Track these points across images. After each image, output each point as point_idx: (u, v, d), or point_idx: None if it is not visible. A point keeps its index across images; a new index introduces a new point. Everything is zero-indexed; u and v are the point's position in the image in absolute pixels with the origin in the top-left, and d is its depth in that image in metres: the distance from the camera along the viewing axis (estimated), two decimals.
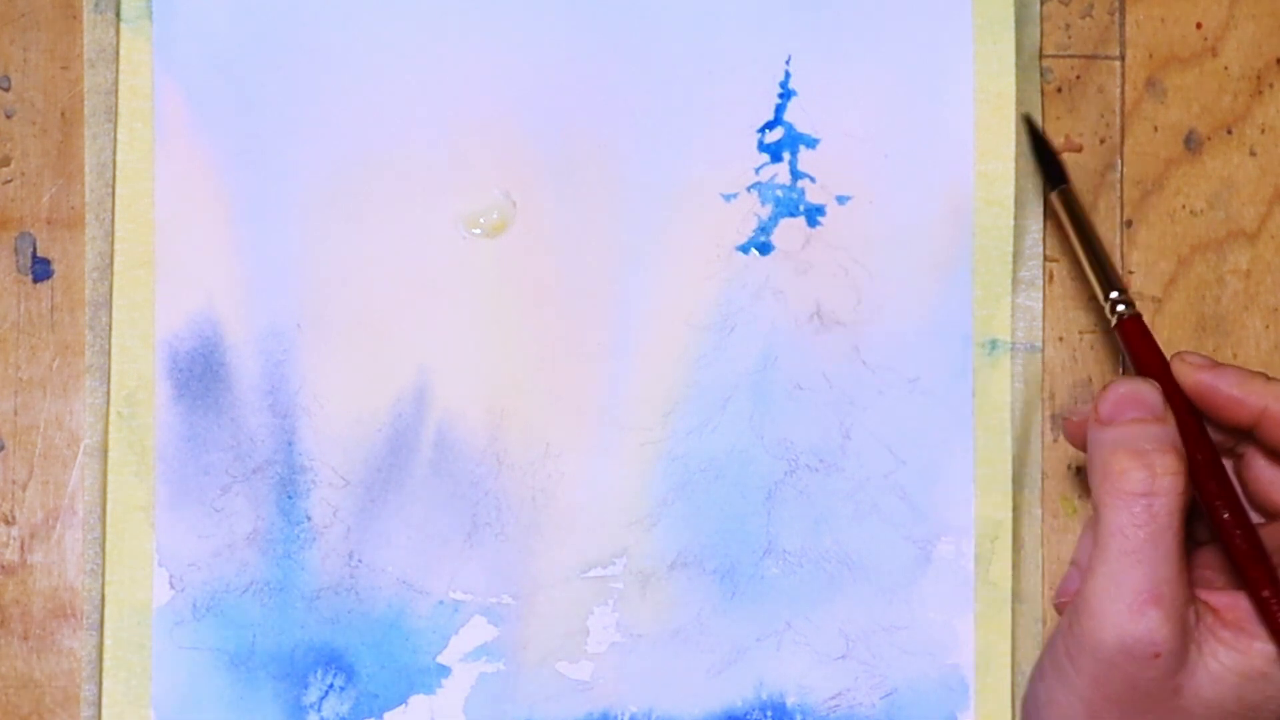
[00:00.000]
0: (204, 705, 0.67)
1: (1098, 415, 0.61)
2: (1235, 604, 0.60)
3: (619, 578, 0.67)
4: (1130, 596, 0.58)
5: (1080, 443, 0.63)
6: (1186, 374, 0.62)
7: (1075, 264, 0.67)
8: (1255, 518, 0.63)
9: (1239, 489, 0.62)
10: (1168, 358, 0.63)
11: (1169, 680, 0.59)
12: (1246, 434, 0.62)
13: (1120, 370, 0.69)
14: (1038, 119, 0.68)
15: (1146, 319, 0.68)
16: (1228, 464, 0.63)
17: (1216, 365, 0.62)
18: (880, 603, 0.68)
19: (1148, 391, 0.61)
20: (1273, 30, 0.69)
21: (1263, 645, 0.59)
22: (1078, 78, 0.69)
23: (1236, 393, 0.61)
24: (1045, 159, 0.67)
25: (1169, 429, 0.60)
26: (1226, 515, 0.60)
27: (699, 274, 0.68)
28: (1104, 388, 0.61)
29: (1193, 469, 0.60)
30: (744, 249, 0.68)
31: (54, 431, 0.67)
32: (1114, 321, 0.64)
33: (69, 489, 0.67)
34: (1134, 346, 0.63)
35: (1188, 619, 0.59)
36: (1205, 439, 0.61)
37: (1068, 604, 0.62)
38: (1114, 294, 0.64)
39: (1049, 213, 0.68)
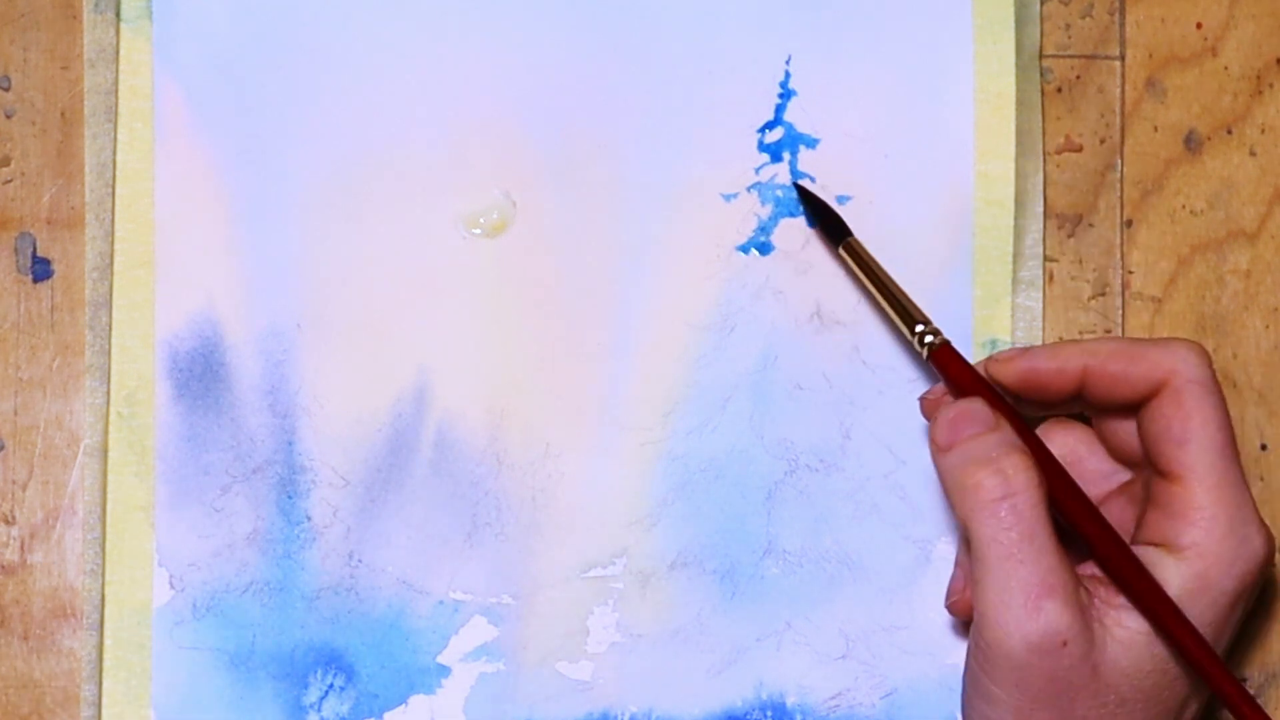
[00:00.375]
0: (204, 705, 0.67)
1: (937, 444, 0.62)
2: None
3: (619, 578, 0.67)
4: (1021, 597, 0.59)
5: (932, 415, 0.64)
6: (1003, 369, 0.63)
7: (886, 304, 0.67)
8: (1123, 474, 0.64)
9: (1107, 456, 0.65)
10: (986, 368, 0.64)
11: (1084, 664, 0.59)
12: (1076, 401, 0.64)
13: None
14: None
15: (1146, 319, 0.69)
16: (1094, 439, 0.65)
17: (1024, 350, 0.63)
18: (880, 603, 0.68)
19: (975, 407, 0.62)
20: (1273, 30, 0.69)
21: None
22: (1078, 78, 0.69)
23: (1052, 364, 0.63)
24: (823, 215, 0.67)
25: (1005, 433, 0.61)
26: (1071, 504, 0.62)
27: (699, 274, 0.68)
28: (934, 418, 0.62)
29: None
30: (744, 249, 0.68)
31: (54, 431, 0.67)
32: (925, 354, 0.64)
33: (69, 489, 0.67)
34: (950, 371, 0.64)
35: (1082, 600, 0.60)
36: (1032, 435, 0.63)
37: (958, 602, 0.65)
38: (919, 328, 0.64)
39: (847, 268, 0.67)
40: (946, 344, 0.64)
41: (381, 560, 0.67)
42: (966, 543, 0.62)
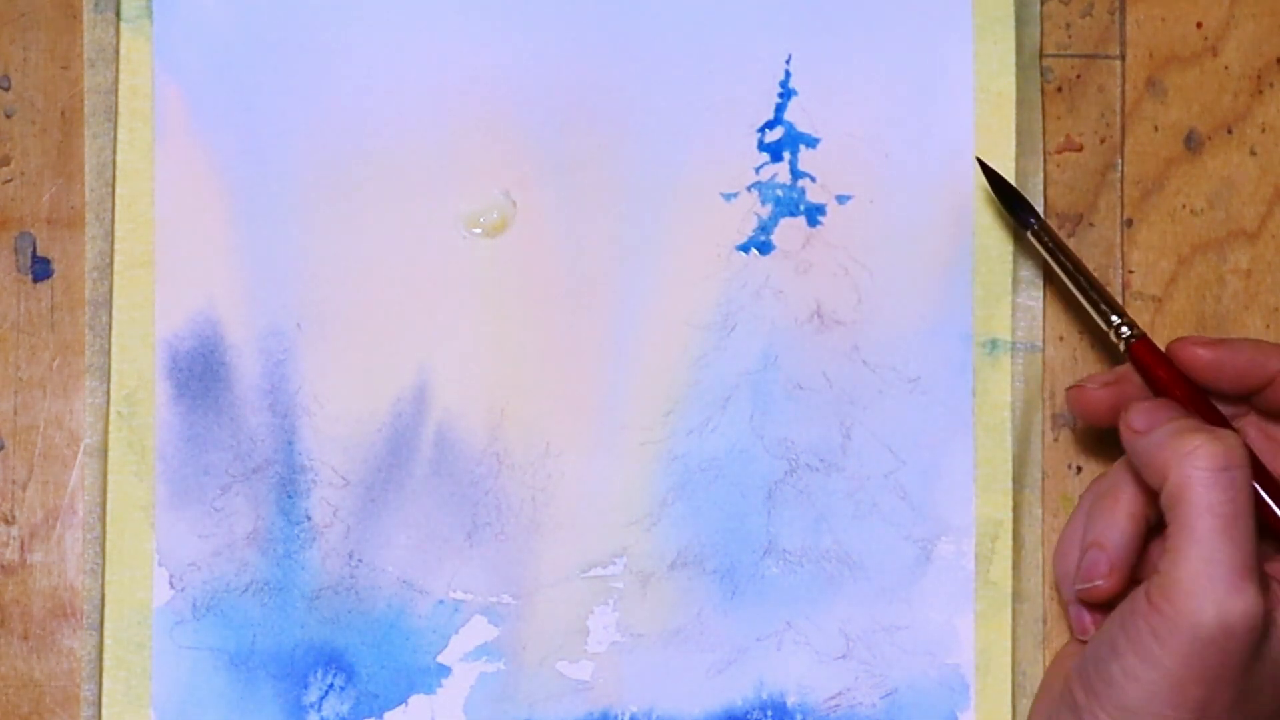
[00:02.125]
0: (204, 705, 0.66)
1: (1133, 427, 0.62)
2: None
3: (619, 577, 0.67)
4: (1227, 574, 0.58)
5: (1085, 412, 0.64)
6: (1193, 352, 0.63)
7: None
8: None
9: None
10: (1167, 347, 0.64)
11: (1257, 650, 0.59)
12: (1248, 401, 0.64)
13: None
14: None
15: (1146, 319, 0.69)
16: None
17: (1221, 339, 0.64)
18: (880, 603, 0.67)
19: (1168, 402, 0.62)
20: (1273, 30, 0.69)
21: None
22: (1078, 77, 0.69)
23: (1252, 358, 0.63)
24: (1010, 199, 0.67)
25: (1203, 423, 0.62)
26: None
27: (699, 273, 0.68)
28: (1125, 410, 0.62)
29: None
30: (744, 248, 0.68)
31: (54, 431, 0.67)
32: (1122, 348, 0.64)
33: (69, 489, 0.67)
34: (1151, 367, 0.64)
35: (1270, 588, 0.60)
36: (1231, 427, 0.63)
37: (1101, 591, 0.63)
38: (1114, 319, 0.64)
39: (1030, 250, 0.68)
40: (1145, 338, 0.64)
41: (381, 560, 0.67)
42: (1131, 522, 0.62)
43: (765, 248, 0.68)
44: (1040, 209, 0.68)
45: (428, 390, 0.67)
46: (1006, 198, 0.66)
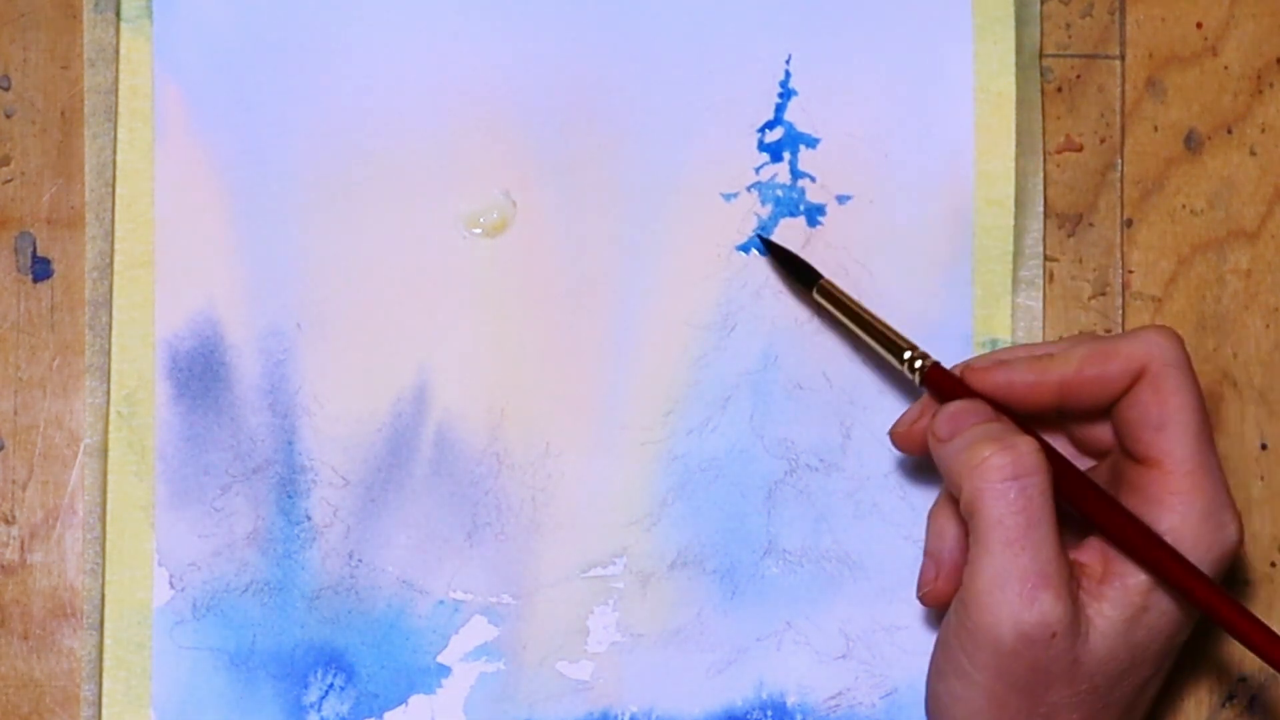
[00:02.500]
0: (204, 705, 0.66)
1: (937, 436, 0.62)
2: (1097, 550, 0.61)
3: (619, 577, 0.67)
4: (1019, 585, 0.59)
5: (907, 449, 0.65)
6: (981, 379, 0.62)
7: (859, 330, 0.67)
8: (1086, 461, 0.64)
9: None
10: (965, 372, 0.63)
11: (1068, 654, 0.59)
12: (1053, 409, 0.63)
13: None
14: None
15: (1146, 318, 0.69)
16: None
17: (1001, 361, 0.63)
18: (880, 603, 0.68)
19: (976, 404, 0.62)
20: (1273, 30, 0.69)
21: (1135, 579, 0.60)
22: (1078, 77, 0.69)
23: (1029, 378, 0.62)
24: (790, 263, 0.67)
25: (1008, 424, 0.61)
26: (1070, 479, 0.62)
27: (699, 273, 0.68)
28: (931, 418, 0.62)
29: None
30: (744, 248, 0.68)
31: (54, 431, 0.67)
32: (918, 380, 0.64)
33: (69, 489, 0.67)
34: (945, 388, 0.63)
35: (1074, 592, 0.60)
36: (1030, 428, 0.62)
37: (931, 593, 0.64)
38: (907, 354, 0.64)
39: (824, 313, 0.67)
40: (937, 364, 0.64)
41: (381, 560, 0.67)
42: (954, 526, 0.63)
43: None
44: (1040, 209, 0.68)
45: (428, 390, 0.67)
46: (788, 264, 0.67)
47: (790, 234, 0.68)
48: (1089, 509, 0.61)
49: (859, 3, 0.68)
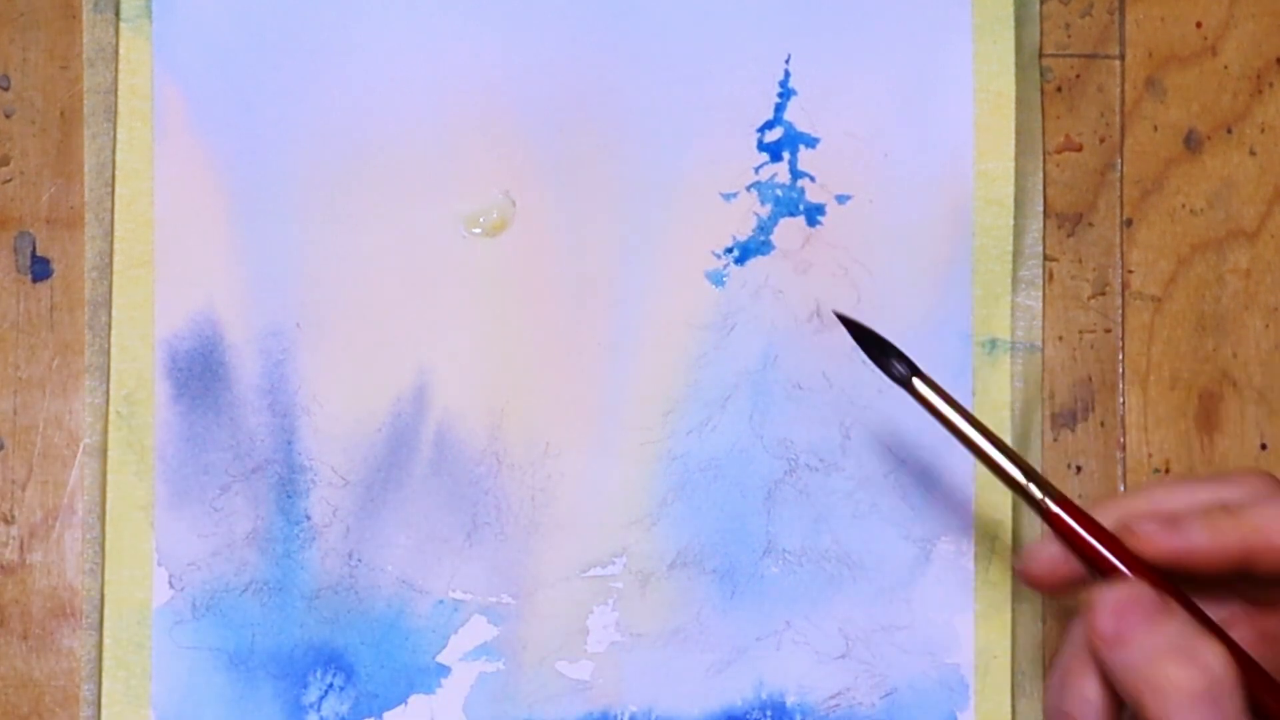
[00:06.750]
0: (204, 705, 0.66)
1: (1101, 634, 0.54)
2: None
3: (619, 577, 0.67)
4: None
5: (1036, 583, 0.58)
6: (1149, 547, 0.56)
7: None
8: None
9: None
10: (1119, 516, 0.56)
11: None
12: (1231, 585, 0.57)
13: (1120, 379, 0.69)
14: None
15: (1146, 318, 0.69)
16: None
17: (1174, 523, 0.55)
18: (880, 602, 0.67)
19: (1141, 591, 0.55)
20: (1273, 30, 0.69)
21: None
22: (1077, 77, 0.69)
23: (1209, 543, 0.55)
24: (885, 352, 0.60)
25: (1180, 616, 0.54)
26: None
27: (699, 273, 0.68)
28: (1090, 600, 0.55)
29: None
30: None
31: (54, 431, 0.67)
32: (1042, 516, 0.57)
33: (69, 489, 0.67)
34: (1080, 540, 0.56)
35: None
36: (1205, 615, 0.56)
37: None
38: (1032, 486, 0.57)
39: (925, 405, 0.60)
40: (1070, 503, 0.56)
41: (381, 560, 0.67)
42: (1099, 693, 0.56)
43: (765, 248, 0.68)
44: (1040, 208, 0.68)
45: (427, 390, 0.67)
46: (881, 351, 0.59)
47: (790, 233, 0.68)
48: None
49: (859, 3, 0.68)
